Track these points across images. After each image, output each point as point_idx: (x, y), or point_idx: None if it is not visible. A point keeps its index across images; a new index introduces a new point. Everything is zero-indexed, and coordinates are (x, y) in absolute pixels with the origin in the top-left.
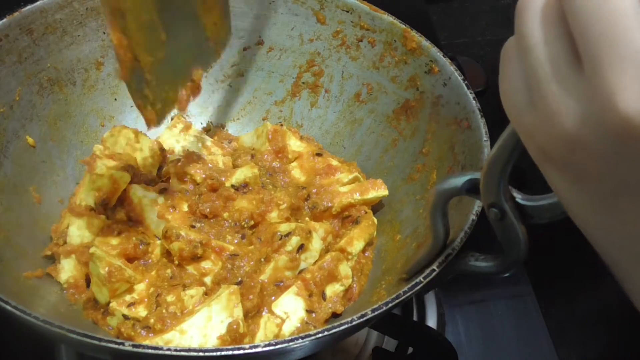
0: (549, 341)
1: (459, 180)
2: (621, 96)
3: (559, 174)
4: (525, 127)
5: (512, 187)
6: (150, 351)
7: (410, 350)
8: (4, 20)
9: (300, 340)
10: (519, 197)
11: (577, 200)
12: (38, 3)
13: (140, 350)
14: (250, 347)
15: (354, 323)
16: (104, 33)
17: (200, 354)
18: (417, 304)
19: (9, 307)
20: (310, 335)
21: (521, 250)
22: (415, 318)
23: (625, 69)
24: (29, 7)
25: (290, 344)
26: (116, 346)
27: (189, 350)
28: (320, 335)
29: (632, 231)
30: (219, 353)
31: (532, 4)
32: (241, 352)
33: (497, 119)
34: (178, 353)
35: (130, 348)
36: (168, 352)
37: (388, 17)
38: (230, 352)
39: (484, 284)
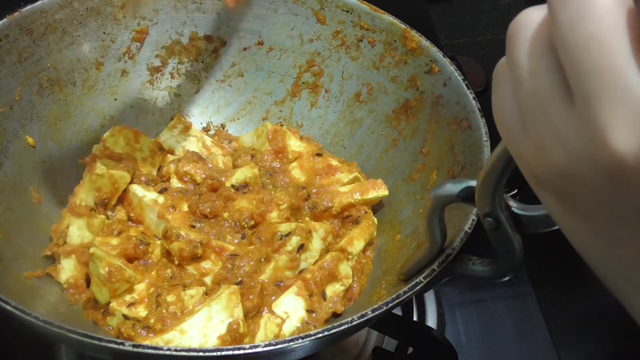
0: (549, 341)
1: (455, 188)
2: (613, 134)
3: (553, 200)
4: (518, 153)
5: (507, 195)
6: (150, 351)
7: (410, 350)
8: (4, 20)
9: (300, 340)
10: (514, 206)
11: (570, 225)
12: (38, 3)
13: (140, 350)
14: (251, 347)
15: (354, 323)
16: (104, 33)
17: (201, 353)
18: (417, 304)
19: (9, 307)
20: (310, 335)
21: (516, 258)
22: (415, 318)
23: (616, 108)
24: (28, 7)
25: (291, 343)
26: (116, 346)
27: (189, 350)
28: (320, 335)
29: (625, 256)
30: (219, 353)
31: (522, 32)
32: (241, 352)
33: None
34: (178, 353)
35: (130, 348)
36: (168, 352)
37: (388, 17)
38: (230, 352)
39: (484, 284)
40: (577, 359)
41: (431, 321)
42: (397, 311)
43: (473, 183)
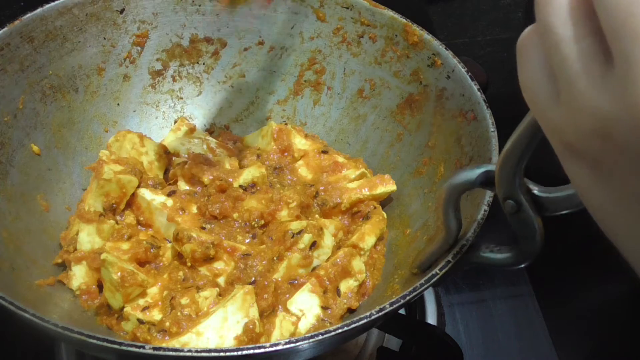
0: (549, 341)
1: (473, 174)
2: None
3: (584, 169)
4: (550, 122)
5: (527, 179)
6: (171, 353)
7: (414, 349)
8: (5, 29)
9: (320, 337)
10: (535, 189)
11: (600, 195)
12: (38, 10)
13: (161, 352)
14: (271, 346)
15: (372, 317)
16: (104, 38)
17: (222, 354)
18: (417, 304)
19: (27, 315)
20: (330, 332)
21: (537, 242)
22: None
23: None
24: (28, 15)
25: (310, 340)
26: (137, 349)
27: (210, 350)
28: (340, 330)
29: None
30: (240, 352)
31: None
32: (262, 350)
33: (498, 118)
34: (199, 354)
35: (151, 351)
36: (189, 354)
37: (388, 12)
38: (252, 352)
39: (484, 283)
40: (577, 359)
41: (431, 321)
42: (401, 310)
43: (491, 167)
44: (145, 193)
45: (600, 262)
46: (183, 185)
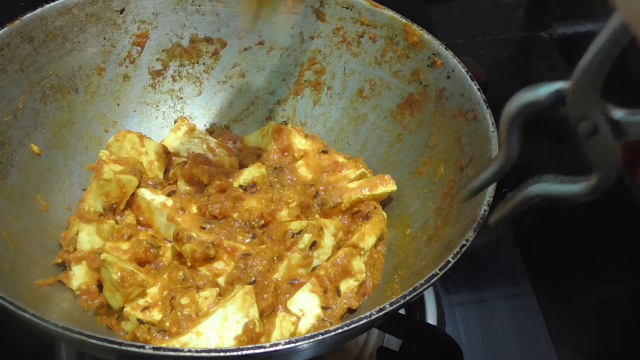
0: (549, 341)
1: (542, 92)
2: None
3: None
4: None
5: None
6: (171, 353)
7: (414, 349)
8: (5, 29)
9: (320, 337)
10: (614, 110)
11: None
12: (38, 10)
13: (160, 352)
14: (271, 346)
15: (372, 317)
16: (104, 38)
17: (222, 354)
18: (417, 304)
19: (27, 315)
20: (330, 332)
21: (614, 169)
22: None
23: None
24: (29, 15)
25: (310, 340)
26: (137, 349)
27: (210, 350)
28: (340, 330)
29: None
30: (240, 352)
31: None
32: (262, 350)
33: (498, 118)
34: (199, 354)
35: (151, 351)
36: (189, 354)
37: (388, 12)
38: (251, 352)
39: (484, 283)
40: (577, 359)
41: (431, 321)
42: (401, 310)
43: (563, 84)
44: (145, 193)
45: (600, 262)
46: (183, 185)
